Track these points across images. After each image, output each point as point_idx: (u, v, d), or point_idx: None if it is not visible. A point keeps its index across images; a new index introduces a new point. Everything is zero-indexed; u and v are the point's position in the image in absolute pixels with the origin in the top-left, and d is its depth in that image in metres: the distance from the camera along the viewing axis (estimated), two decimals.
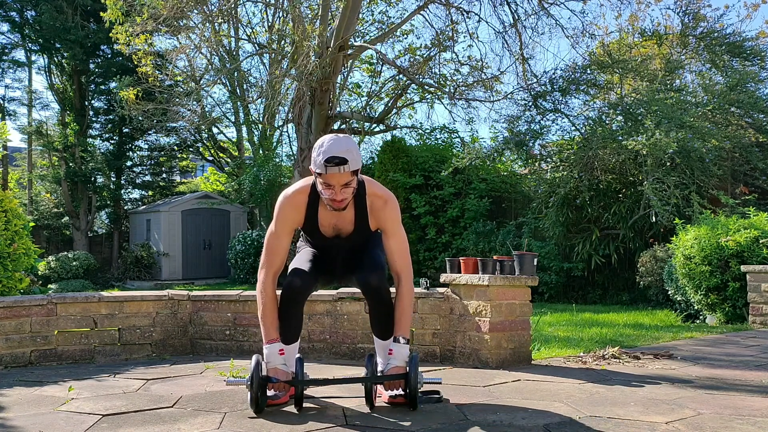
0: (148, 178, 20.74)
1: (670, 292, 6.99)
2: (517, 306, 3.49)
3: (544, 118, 10.53)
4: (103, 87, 18.79)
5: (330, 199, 2.53)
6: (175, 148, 20.72)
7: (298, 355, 2.62)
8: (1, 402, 2.69)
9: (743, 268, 5.77)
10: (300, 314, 2.73)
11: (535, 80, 11.59)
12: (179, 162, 22.07)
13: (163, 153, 20.65)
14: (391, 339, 2.66)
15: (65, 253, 15.21)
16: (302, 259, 2.77)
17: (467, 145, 13.08)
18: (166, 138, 20.14)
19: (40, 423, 2.32)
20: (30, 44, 18.49)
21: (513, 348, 3.46)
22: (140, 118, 14.99)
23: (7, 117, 19.30)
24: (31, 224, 5.30)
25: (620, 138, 8.88)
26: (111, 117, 18.82)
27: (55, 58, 18.38)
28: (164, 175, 21.48)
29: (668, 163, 8.45)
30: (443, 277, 3.63)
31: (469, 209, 11.41)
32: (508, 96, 12.77)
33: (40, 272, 13.73)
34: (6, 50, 18.69)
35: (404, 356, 2.56)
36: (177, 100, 14.54)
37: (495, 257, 3.56)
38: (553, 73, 10.63)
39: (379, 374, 2.58)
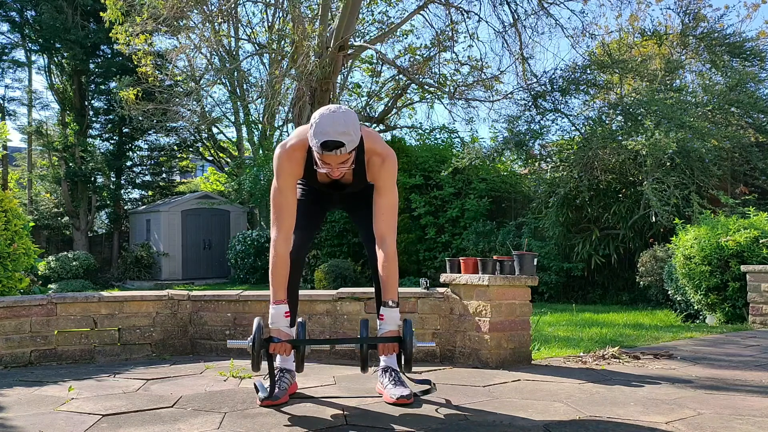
0: (148, 178, 20.75)
1: (670, 292, 6.99)
2: (517, 306, 3.49)
3: (544, 118, 10.54)
4: (103, 87, 18.80)
5: (326, 174, 2.51)
6: (175, 148, 20.74)
7: (300, 319, 2.59)
8: (1, 402, 2.69)
9: (743, 268, 5.77)
10: (297, 281, 2.72)
11: (534, 80, 11.60)
12: (179, 162, 22.09)
13: (163, 153, 20.67)
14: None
15: (65, 253, 15.21)
16: (298, 220, 2.70)
17: (467, 145, 13.09)
18: (166, 138, 20.16)
19: (40, 423, 2.32)
20: (30, 44, 18.50)
21: (513, 348, 3.46)
22: (140, 118, 15.02)
23: (7, 117, 19.31)
24: (31, 224, 5.30)
25: (620, 138, 8.88)
26: (111, 117, 18.83)
27: (55, 58, 18.38)
28: (164, 175, 21.50)
29: (668, 163, 8.45)
30: (443, 277, 3.63)
31: (469, 209, 11.41)
32: (508, 96, 12.79)
33: (40, 272, 13.73)
34: (6, 50, 18.70)
35: (396, 319, 2.53)
36: (177, 100, 14.55)
37: (495, 257, 3.56)
38: (553, 73, 10.64)
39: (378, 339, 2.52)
